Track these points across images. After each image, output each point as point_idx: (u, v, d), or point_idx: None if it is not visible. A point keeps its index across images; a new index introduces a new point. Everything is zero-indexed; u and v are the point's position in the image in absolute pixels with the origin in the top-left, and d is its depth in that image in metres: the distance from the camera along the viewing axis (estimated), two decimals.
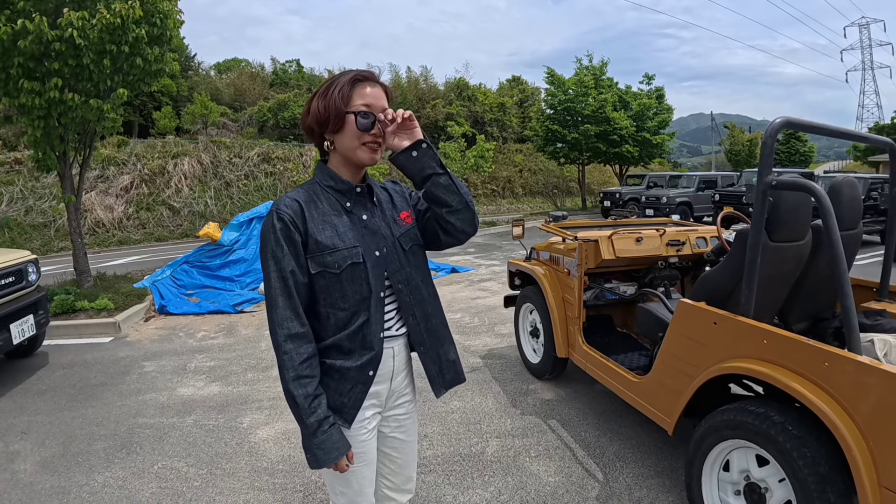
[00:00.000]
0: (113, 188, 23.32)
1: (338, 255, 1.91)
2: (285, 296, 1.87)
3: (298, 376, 1.85)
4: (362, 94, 1.92)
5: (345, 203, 2.00)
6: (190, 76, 41.40)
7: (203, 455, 4.34)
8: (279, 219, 1.88)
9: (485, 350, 6.64)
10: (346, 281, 1.93)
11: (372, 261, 1.97)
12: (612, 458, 4.06)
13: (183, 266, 10.53)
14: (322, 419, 1.87)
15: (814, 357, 2.51)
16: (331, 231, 1.93)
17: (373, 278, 1.96)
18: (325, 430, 1.87)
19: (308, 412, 1.85)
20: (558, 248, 5.22)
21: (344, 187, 2.00)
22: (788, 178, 2.86)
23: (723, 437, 2.92)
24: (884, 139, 3.69)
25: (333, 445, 1.88)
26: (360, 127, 1.90)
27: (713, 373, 3.02)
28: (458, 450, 4.25)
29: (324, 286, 1.93)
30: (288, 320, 1.86)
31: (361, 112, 1.90)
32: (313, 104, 1.97)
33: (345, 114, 1.90)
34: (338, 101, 1.90)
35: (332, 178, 2.00)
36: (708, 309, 3.24)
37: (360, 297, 1.96)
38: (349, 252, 1.92)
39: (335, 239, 1.92)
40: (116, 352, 7.17)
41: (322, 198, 1.99)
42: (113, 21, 7.50)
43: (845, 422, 2.32)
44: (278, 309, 1.87)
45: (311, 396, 1.86)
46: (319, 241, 1.90)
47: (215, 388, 5.73)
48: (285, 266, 1.87)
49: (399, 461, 2.30)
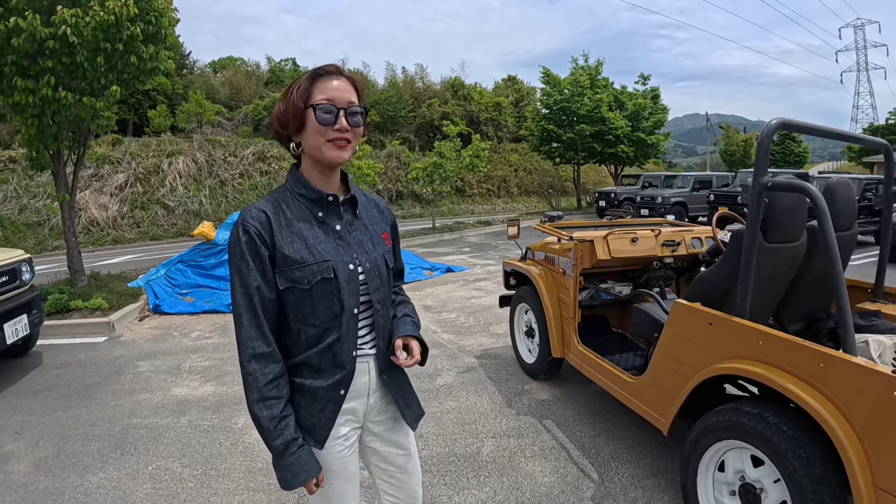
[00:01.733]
0: (107, 187, 23.27)
1: (307, 270, 1.82)
2: (250, 313, 1.78)
3: (263, 397, 1.77)
4: (323, 88, 1.82)
5: (316, 212, 1.90)
6: (185, 74, 41.35)
7: (198, 456, 4.33)
8: (244, 231, 1.78)
9: (480, 350, 6.64)
10: (316, 297, 1.83)
11: (345, 275, 1.87)
12: (608, 459, 4.06)
13: (177, 265, 10.50)
14: (289, 441, 1.80)
15: (809, 358, 2.52)
16: (300, 244, 1.83)
17: (345, 294, 1.87)
18: (293, 453, 1.80)
19: (274, 434, 1.78)
20: (554, 248, 5.21)
21: (315, 196, 1.89)
22: (784, 180, 2.86)
23: (718, 437, 2.93)
24: (879, 140, 3.70)
25: (301, 468, 1.80)
26: (320, 121, 1.78)
27: (708, 373, 3.02)
28: (454, 450, 4.24)
29: (293, 301, 1.84)
30: (252, 339, 1.78)
31: (320, 105, 1.79)
32: (278, 108, 1.90)
33: (303, 110, 1.81)
34: (296, 99, 1.83)
35: (304, 185, 1.89)
36: (703, 310, 3.24)
37: (332, 314, 1.86)
38: (319, 267, 1.83)
39: (304, 252, 1.83)
40: (111, 351, 7.14)
41: (292, 207, 1.88)
42: (107, 19, 7.45)
43: (840, 423, 2.32)
44: (243, 327, 1.78)
45: (277, 418, 1.78)
46: (287, 254, 1.81)
47: (210, 388, 5.72)
48: (250, 282, 1.78)
49: (397, 475, 2.19)
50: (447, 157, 19.94)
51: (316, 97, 1.80)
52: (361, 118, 1.86)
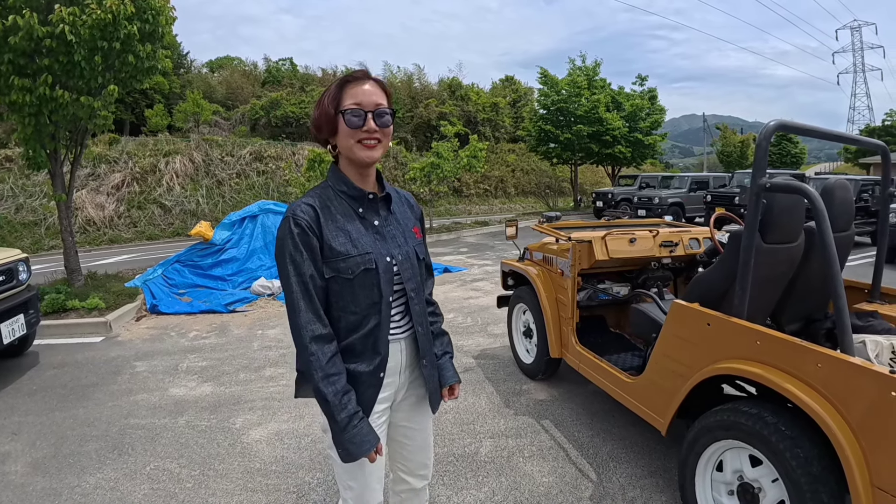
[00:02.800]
0: (104, 186, 23.23)
1: (351, 262, 1.97)
2: (307, 299, 1.93)
3: (327, 375, 1.91)
4: (352, 93, 1.96)
5: (357, 209, 2.06)
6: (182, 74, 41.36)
7: (195, 456, 4.32)
8: (296, 224, 1.92)
9: (478, 350, 6.63)
10: (357, 286, 1.99)
11: (383, 266, 2.02)
12: (606, 459, 4.06)
13: (175, 265, 10.50)
14: (352, 414, 1.95)
15: (806, 358, 2.52)
16: (344, 237, 1.98)
17: (384, 284, 2.02)
18: (356, 425, 1.95)
19: (339, 408, 1.92)
20: (552, 248, 5.21)
21: (356, 193, 2.06)
22: (782, 181, 2.86)
23: (716, 437, 2.93)
24: (876, 142, 3.71)
25: (364, 438, 1.95)
26: (350, 124, 1.94)
27: (706, 374, 3.03)
28: (452, 450, 4.24)
29: (336, 290, 1.99)
30: (311, 322, 1.92)
31: (349, 110, 1.94)
32: (313, 114, 2.07)
33: (334, 115, 1.97)
34: (327, 106, 1.98)
35: (345, 183, 2.06)
36: (701, 310, 3.25)
37: (371, 302, 2.02)
38: (362, 258, 1.98)
39: (348, 245, 1.98)
40: (108, 351, 7.12)
41: (335, 203, 2.03)
42: (104, 17, 7.43)
43: (838, 422, 2.33)
44: (301, 313, 1.92)
45: (341, 393, 1.93)
46: (333, 247, 1.95)
47: (207, 388, 5.71)
48: (305, 270, 1.92)
49: (410, 447, 2.39)
50: (444, 157, 19.95)
51: (345, 102, 1.95)
52: (390, 118, 2.01)
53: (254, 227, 11.19)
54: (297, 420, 4.87)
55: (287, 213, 1.96)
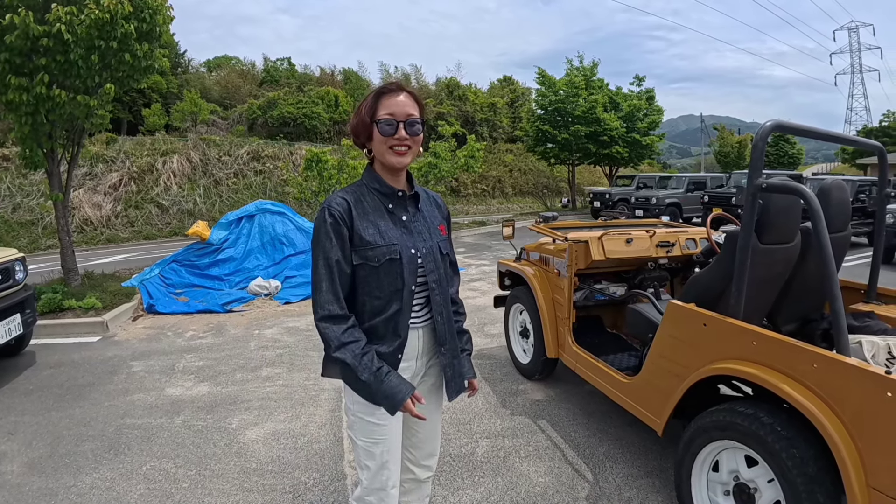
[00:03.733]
0: (101, 186, 23.20)
1: (378, 251, 2.15)
2: (329, 281, 2.11)
3: (342, 343, 2.09)
4: (386, 104, 2.15)
5: (387, 204, 2.25)
6: (180, 73, 41.27)
7: (192, 456, 4.32)
8: (330, 214, 2.12)
9: (475, 350, 6.52)
10: (382, 274, 2.17)
11: (407, 257, 2.20)
12: (602, 459, 4.06)
13: (171, 265, 10.49)
14: (376, 370, 2.10)
15: (802, 359, 2.53)
16: (373, 229, 2.17)
17: (407, 273, 2.19)
18: (383, 379, 2.10)
19: (360, 368, 2.08)
20: (548, 248, 5.21)
21: (387, 191, 2.25)
22: (778, 181, 2.87)
23: (712, 437, 2.93)
24: (873, 142, 3.70)
25: (396, 388, 2.11)
26: (383, 133, 2.13)
27: (703, 374, 3.03)
28: (448, 450, 4.24)
29: (363, 277, 2.18)
30: (329, 303, 2.10)
31: (383, 119, 2.13)
32: (351, 121, 2.28)
33: (370, 124, 2.17)
34: (364, 116, 2.19)
35: (378, 181, 2.25)
36: (697, 310, 3.25)
37: (394, 289, 2.19)
38: (388, 249, 2.16)
39: (377, 236, 2.17)
40: (104, 351, 7.11)
41: (368, 199, 2.23)
42: (101, 16, 7.42)
43: (834, 423, 2.33)
44: (322, 292, 2.11)
45: (360, 354, 2.09)
46: (363, 237, 2.14)
47: (204, 388, 5.70)
48: (332, 256, 2.11)
49: (420, 435, 2.53)
50: (442, 157, 19.93)
51: (380, 113, 2.15)
52: (420, 128, 2.20)
53: (251, 226, 11.18)
54: (294, 420, 4.87)
55: (324, 205, 2.16)
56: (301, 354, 6.69)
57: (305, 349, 6.86)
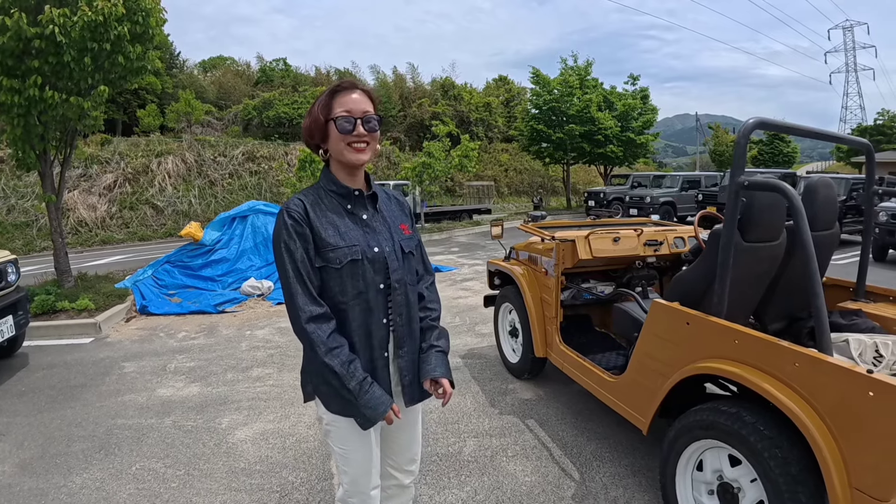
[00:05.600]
0: (96, 187, 23.25)
1: (339, 252, 2.09)
2: (301, 283, 2.05)
3: (329, 349, 2.03)
4: (342, 102, 2.11)
5: (346, 205, 2.19)
6: (175, 74, 41.22)
7: (181, 456, 4.32)
8: (289, 216, 2.07)
9: (465, 349, 6.64)
10: (346, 276, 2.11)
11: (371, 256, 2.14)
12: (589, 458, 4.07)
13: (164, 266, 10.51)
14: (361, 380, 2.06)
15: (784, 357, 2.53)
16: (333, 230, 2.11)
17: (370, 273, 2.14)
18: (367, 390, 2.06)
19: (348, 377, 2.03)
20: (536, 247, 5.22)
21: (344, 191, 2.19)
22: (760, 179, 2.87)
23: (695, 437, 2.93)
24: (861, 140, 3.70)
25: (378, 401, 2.07)
26: (341, 130, 2.08)
27: (686, 373, 3.03)
28: (436, 449, 4.24)
29: (326, 280, 2.11)
30: (307, 304, 2.04)
31: (341, 118, 2.08)
32: (305, 121, 2.21)
33: (325, 123, 2.12)
34: (318, 115, 2.13)
35: (334, 182, 2.20)
36: (681, 309, 3.26)
37: (357, 291, 2.13)
38: (349, 250, 2.10)
39: (337, 238, 2.10)
40: (97, 352, 7.12)
41: (325, 201, 2.17)
42: (94, 18, 7.43)
43: (815, 423, 2.33)
44: (298, 296, 2.04)
45: (347, 362, 2.04)
46: (323, 238, 2.09)
47: (195, 388, 5.71)
48: (298, 256, 2.05)
49: (400, 441, 2.46)
50: (436, 156, 19.94)
51: (336, 110, 2.10)
52: (377, 124, 2.17)
53: (244, 227, 11.19)
54: (283, 420, 4.88)
55: (282, 209, 2.12)
56: (292, 355, 6.69)
57: (296, 349, 6.80)
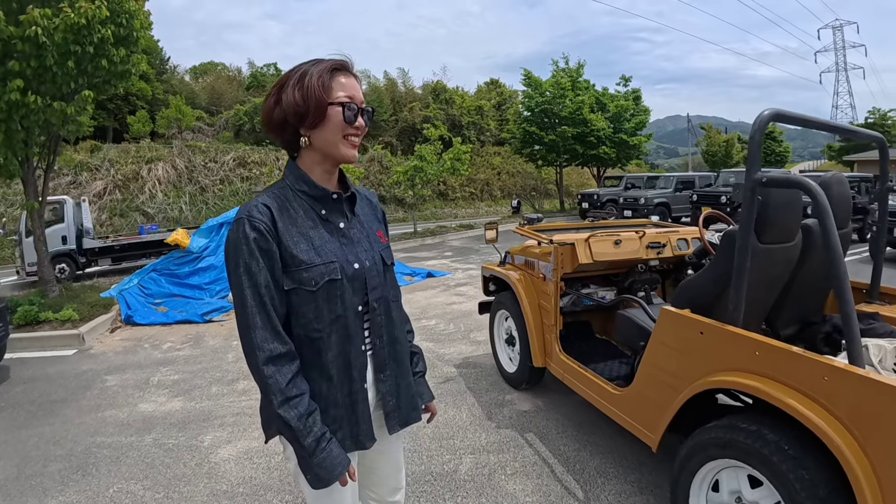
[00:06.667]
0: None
1: (315, 272, 1.74)
2: (263, 314, 1.68)
3: (287, 398, 1.69)
4: (344, 85, 1.76)
5: (320, 210, 1.83)
6: (165, 80, 41.15)
7: (160, 477, 4.13)
8: (252, 227, 1.68)
9: (459, 358, 6.45)
10: (321, 299, 1.76)
11: (350, 274, 1.81)
12: (593, 474, 3.85)
13: (151, 274, 10.30)
14: (319, 437, 1.72)
15: (812, 371, 2.30)
16: (306, 244, 1.75)
17: (349, 294, 1.81)
18: (324, 448, 1.73)
19: (304, 432, 1.69)
20: (533, 251, 5.00)
21: (319, 193, 1.82)
22: (780, 175, 2.66)
23: (711, 456, 2.69)
24: (873, 133, 3.51)
25: (335, 461, 1.74)
26: (347, 120, 1.74)
27: (700, 387, 2.79)
28: (430, 468, 4.02)
29: (297, 305, 1.75)
30: (267, 342, 1.68)
31: (346, 104, 1.74)
32: (287, 95, 1.75)
33: (327, 105, 1.72)
34: (319, 92, 1.72)
35: (306, 182, 1.81)
36: (693, 317, 3.03)
37: (335, 316, 1.78)
38: (326, 268, 1.75)
39: (311, 253, 1.75)
40: (79, 365, 6.95)
41: (295, 205, 1.79)
42: (77, 21, 7.29)
43: (847, 442, 2.11)
44: (256, 330, 1.67)
45: (305, 415, 1.70)
46: (295, 255, 1.72)
47: (178, 403, 5.52)
48: (261, 281, 1.68)
49: (381, 472, 2.18)
50: (428, 160, 19.86)
51: (338, 94, 1.74)
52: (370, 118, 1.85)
53: None
54: None
55: (240, 215, 1.71)
56: None
57: None
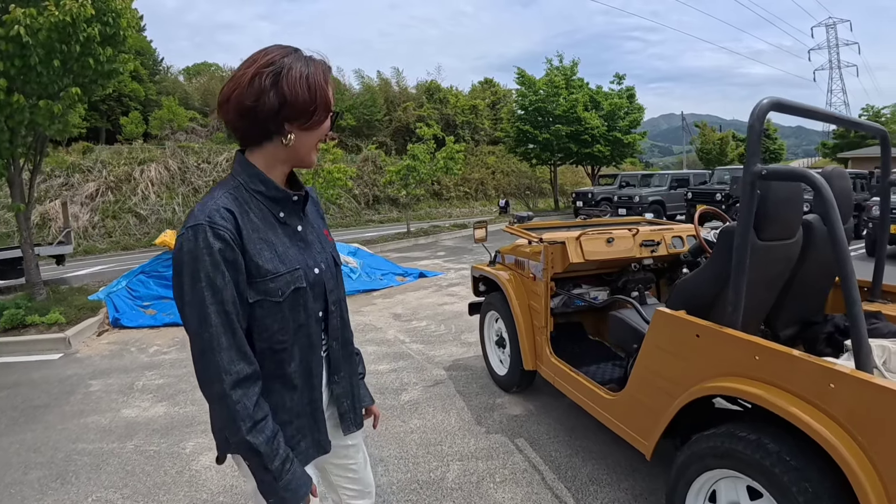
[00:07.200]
0: (78, 196, 23.01)
1: (280, 281, 1.61)
2: (229, 334, 1.51)
3: (255, 423, 1.54)
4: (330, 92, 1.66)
5: (278, 213, 1.68)
6: (158, 80, 41.05)
7: (140, 486, 4.01)
8: (216, 236, 1.49)
9: (450, 361, 6.33)
10: (287, 309, 1.64)
11: (311, 280, 1.70)
12: (585, 482, 3.72)
13: (139, 276, 10.12)
14: (284, 458, 1.60)
15: (817, 377, 2.15)
16: (270, 252, 1.61)
17: (311, 301, 1.70)
18: (289, 469, 1.61)
19: (271, 456, 1.56)
20: (523, 251, 4.87)
21: (279, 195, 1.68)
22: (782, 167, 2.51)
23: (708, 465, 2.54)
24: (876, 126, 3.38)
25: (300, 482, 1.63)
26: (331, 127, 1.71)
27: (697, 393, 2.65)
28: (416, 476, 3.89)
29: (260, 317, 1.61)
30: (234, 363, 1.51)
31: (335, 113, 1.71)
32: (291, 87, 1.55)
33: (329, 109, 1.66)
34: (327, 95, 1.62)
35: (263, 182, 1.65)
36: (689, 319, 2.86)
37: (298, 325, 1.67)
38: (291, 276, 1.63)
39: (276, 262, 1.61)
40: (64, 369, 6.82)
41: (253, 207, 1.63)
42: (62, 19, 7.15)
43: (855, 454, 1.96)
44: (222, 352, 1.50)
45: (271, 438, 1.57)
46: (260, 264, 1.57)
47: (161, 408, 5.39)
48: (227, 297, 1.51)
49: (354, 466, 2.10)
50: (421, 159, 19.76)
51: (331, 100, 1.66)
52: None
53: None
54: None
55: (199, 220, 1.51)
56: None
57: None
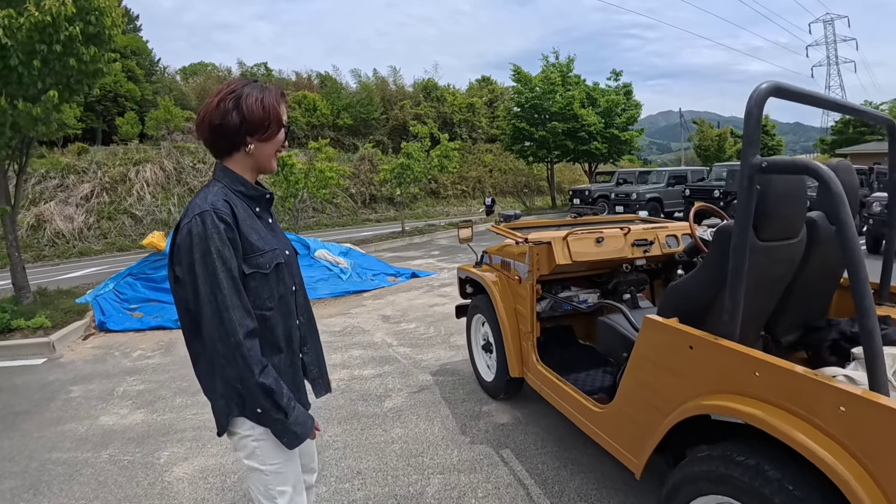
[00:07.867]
0: (73, 197, 22.89)
1: (267, 257, 2.01)
2: (236, 295, 1.88)
3: (263, 367, 1.90)
4: (284, 110, 2.08)
5: (254, 208, 2.09)
6: (154, 81, 40.89)
7: (111, 498, 3.89)
8: (220, 219, 1.88)
9: (437, 365, 6.19)
10: (272, 280, 2.03)
11: (284, 261, 2.10)
12: (573, 497, 3.54)
13: (127, 279, 9.98)
14: (290, 396, 1.98)
15: (825, 398, 1.91)
16: (256, 235, 2.01)
17: (287, 277, 2.11)
18: (294, 406, 1.99)
19: (281, 394, 1.93)
20: (510, 251, 4.65)
21: (256, 194, 2.10)
22: (785, 159, 2.27)
23: (701, 491, 2.33)
24: (883, 116, 3.16)
25: (304, 416, 2.03)
26: (286, 138, 2.09)
27: (690, 411, 2.43)
28: (394, 490, 3.72)
29: (254, 287, 1.98)
30: (245, 318, 1.88)
31: (288, 126, 2.09)
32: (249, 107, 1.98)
33: (281, 124, 2.05)
34: (277, 112, 2.03)
35: (243, 183, 2.06)
36: (680, 328, 2.63)
37: (280, 295, 2.07)
38: (273, 254, 2.04)
39: (261, 242, 2.01)
40: (47, 375, 6.70)
41: (237, 202, 2.01)
42: (42, 19, 6.98)
43: (867, 486, 1.74)
44: (235, 310, 1.86)
45: (277, 378, 1.94)
46: (252, 243, 1.97)
47: (139, 416, 5.25)
48: (233, 266, 1.88)
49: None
50: (415, 157, 19.60)
51: (284, 117, 2.07)
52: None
53: None
54: (226, 454, 4.39)
55: (205, 209, 1.88)
56: None
57: None
